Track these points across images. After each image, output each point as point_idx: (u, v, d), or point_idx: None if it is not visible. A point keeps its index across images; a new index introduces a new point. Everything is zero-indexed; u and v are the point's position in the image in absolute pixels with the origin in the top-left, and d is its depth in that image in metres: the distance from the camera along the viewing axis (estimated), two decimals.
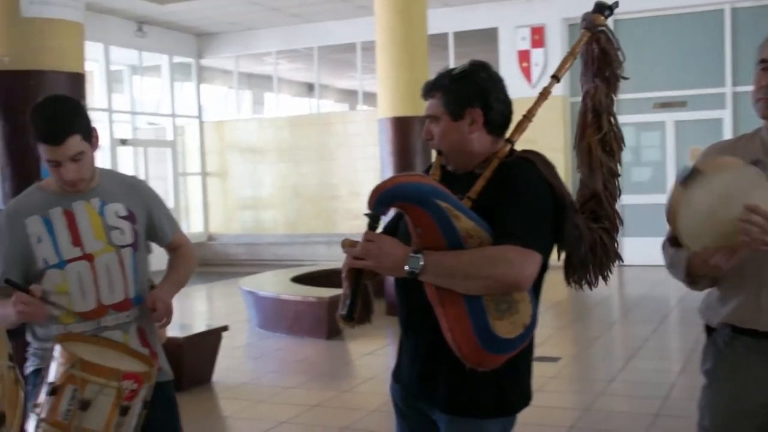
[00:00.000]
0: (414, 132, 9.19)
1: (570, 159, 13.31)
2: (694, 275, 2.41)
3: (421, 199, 2.15)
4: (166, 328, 2.98)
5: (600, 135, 2.53)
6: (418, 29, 9.61)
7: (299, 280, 9.61)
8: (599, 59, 2.54)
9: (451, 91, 2.34)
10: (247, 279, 10.00)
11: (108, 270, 2.74)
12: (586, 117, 2.54)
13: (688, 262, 2.38)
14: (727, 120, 12.76)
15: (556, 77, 2.49)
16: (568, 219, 2.32)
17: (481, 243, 2.16)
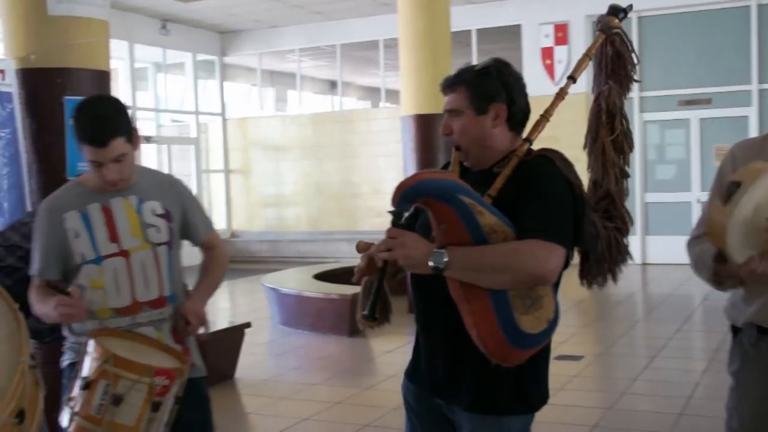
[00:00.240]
0: (437, 129, 9.11)
1: None
2: (720, 276, 2.40)
3: (446, 195, 2.15)
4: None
5: (613, 136, 2.56)
6: (441, 26, 9.59)
7: (321, 277, 9.62)
8: (614, 61, 2.57)
9: (476, 86, 2.34)
10: (270, 276, 10.03)
11: (143, 267, 2.76)
12: (600, 118, 2.57)
13: (714, 262, 2.36)
14: (753, 117, 12.63)
15: (572, 78, 2.51)
16: (586, 217, 2.34)
17: (505, 238, 2.16)
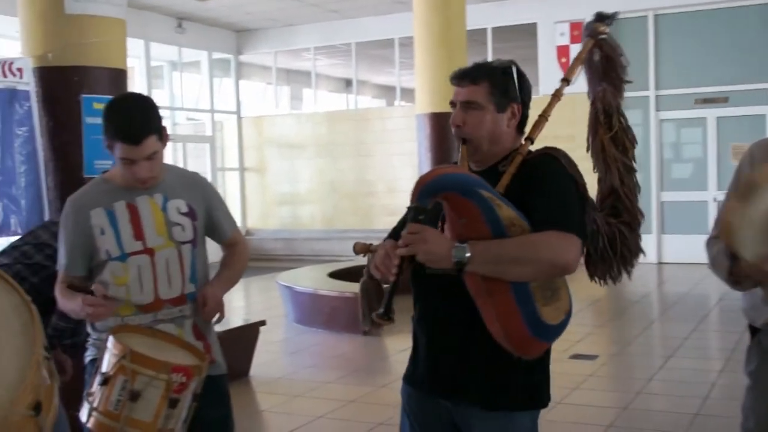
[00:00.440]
0: (451, 128, 9.15)
1: None
2: (737, 275, 2.39)
3: (465, 189, 2.16)
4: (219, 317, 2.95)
5: (611, 133, 2.60)
6: (456, 24, 9.58)
7: (336, 275, 9.62)
8: (604, 65, 2.65)
9: (501, 84, 2.38)
10: (284, 274, 10.05)
11: (167, 265, 2.78)
12: (597, 118, 2.63)
13: (730, 261, 2.35)
14: None
15: (566, 80, 2.58)
16: (586, 213, 2.37)
17: (523, 231, 2.17)
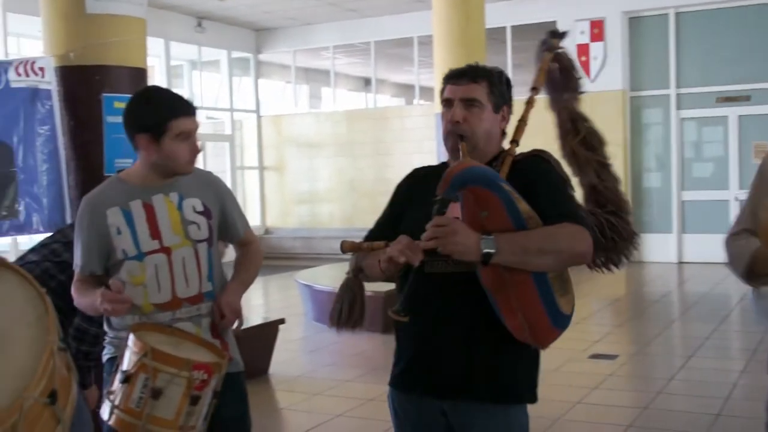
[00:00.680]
0: None
1: (629, 154, 13.11)
2: (758, 272, 2.37)
3: (490, 182, 2.20)
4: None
5: (579, 138, 2.73)
6: (475, 23, 9.56)
7: None
8: (563, 75, 2.78)
9: (498, 85, 2.47)
10: (304, 272, 10.07)
11: (184, 264, 2.79)
12: (565, 126, 2.76)
13: (753, 259, 2.34)
14: None
15: (536, 89, 2.67)
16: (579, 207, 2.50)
17: (537, 225, 2.23)
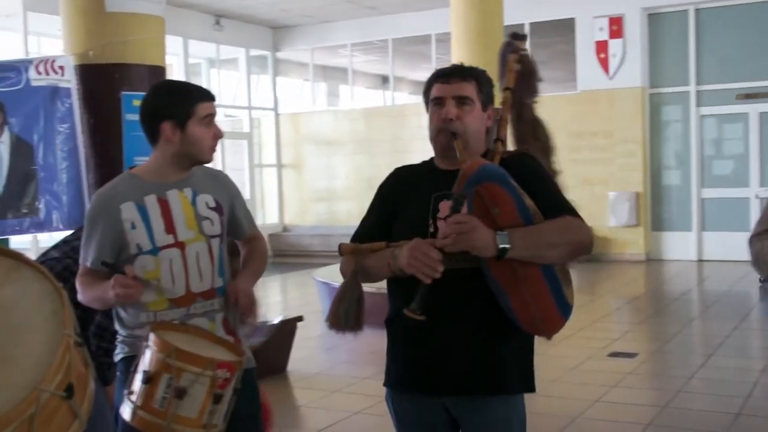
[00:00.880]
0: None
1: (648, 152, 13.01)
2: None
3: (502, 179, 2.28)
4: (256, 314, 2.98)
5: (539, 143, 2.77)
6: (493, 20, 9.54)
7: None
8: (526, 78, 2.87)
9: (485, 85, 2.56)
10: (322, 270, 10.08)
11: (198, 258, 2.80)
12: (522, 130, 2.80)
13: None
14: None
15: (509, 89, 2.74)
16: None
17: (540, 219, 2.30)
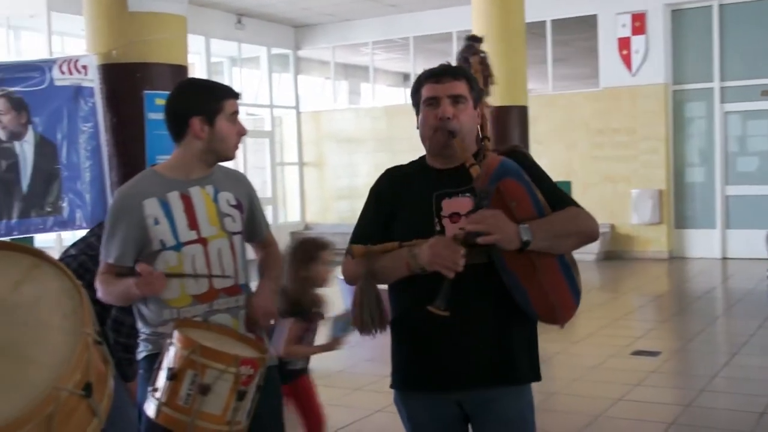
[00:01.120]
0: (511, 121, 9.10)
1: (672, 149, 12.92)
2: None
3: (519, 174, 2.39)
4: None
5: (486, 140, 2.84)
6: (515, 17, 9.50)
7: None
8: (485, 76, 3.07)
9: (475, 83, 2.62)
10: None
11: (220, 254, 2.82)
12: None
13: None
14: None
15: (482, 89, 2.82)
16: None
17: (549, 212, 2.40)
